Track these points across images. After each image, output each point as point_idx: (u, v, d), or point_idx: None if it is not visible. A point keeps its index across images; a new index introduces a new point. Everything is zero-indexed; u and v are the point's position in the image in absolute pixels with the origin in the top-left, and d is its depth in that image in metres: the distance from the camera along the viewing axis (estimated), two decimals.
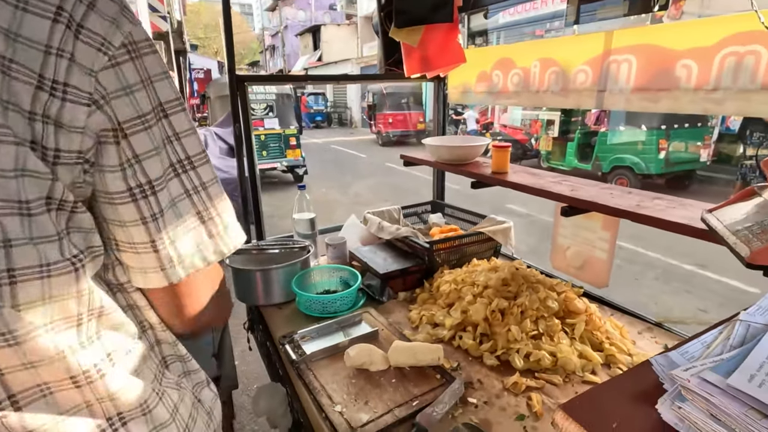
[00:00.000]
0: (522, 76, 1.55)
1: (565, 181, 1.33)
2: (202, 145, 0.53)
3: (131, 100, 0.44)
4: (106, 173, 0.44)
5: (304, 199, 1.71)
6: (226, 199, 0.56)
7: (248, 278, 1.42)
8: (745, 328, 0.44)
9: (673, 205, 1.04)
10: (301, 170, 7.41)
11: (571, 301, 1.22)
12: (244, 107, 1.57)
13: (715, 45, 1.01)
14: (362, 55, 22.10)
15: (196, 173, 0.51)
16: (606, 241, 1.39)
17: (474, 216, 1.88)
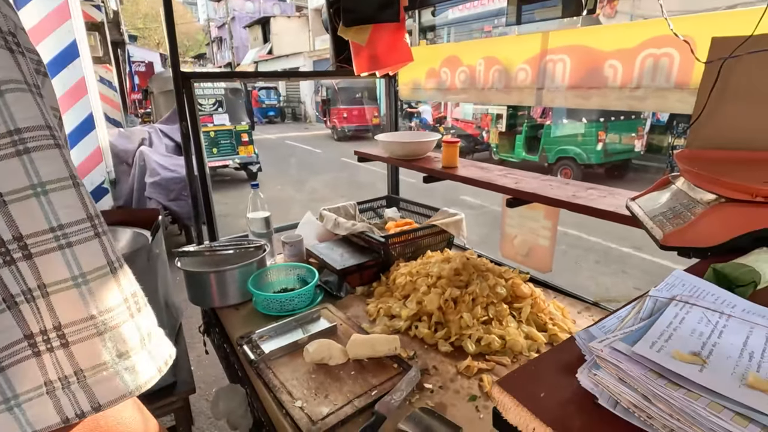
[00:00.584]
0: (468, 73, 1.61)
1: (510, 174, 1.41)
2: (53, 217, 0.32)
3: None
4: None
5: (258, 197, 1.69)
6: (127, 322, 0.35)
7: (202, 281, 1.39)
8: (653, 302, 0.50)
9: (603, 194, 1.14)
10: (254, 167, 7.22)
11: (518, 287, 1.30)
12: (191, 105, 1.52)
13: (637, 47, 1.11)
14: (314, 48, 21.75)
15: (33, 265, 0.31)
16: (548, 229, 1.49)
17: (428, 209, 1.94)
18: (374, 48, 1.37)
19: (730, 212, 0.68)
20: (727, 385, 0.35)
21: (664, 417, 0.35)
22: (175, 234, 4.77)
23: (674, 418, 0.34)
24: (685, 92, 1.04)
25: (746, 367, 0.38)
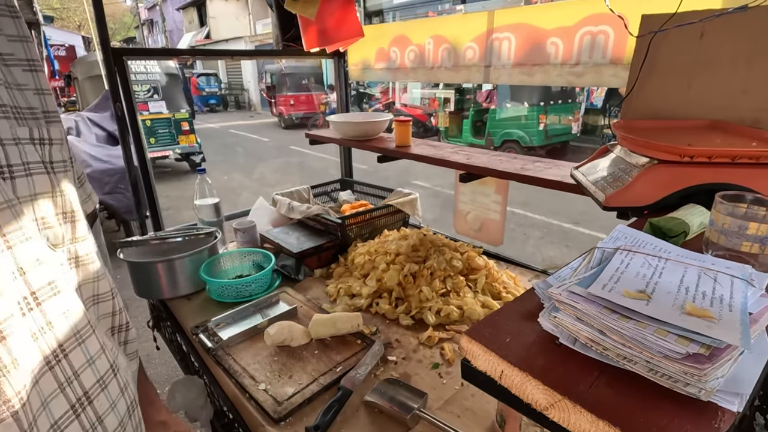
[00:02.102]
0: (417, 52, 1.62)
1: (462, 151, 1.44)
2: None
3: None
4: None
5: (206, 183, 1.61)
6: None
7: (149, 271, 1.31)
8: (600, 253, 0.54)
9: (549, 166, 1.20)
10: (197, 158, 6.85)
11: (473, 259, 1.35)
12: (125, 85, 1.41)
13: (576, 25, 1.17)
14: (255, 33, 20.83)
15: None
16: (499, 203, 1.55)
17: (382, 191, 1.95)
18: (323, 22, 1.33)
19: (661, 172, 0.74)
20: (669, 314, 0.39)
21: (618, 347, 0.38)
22: (112, 230, 4.45)
23: (626, 346, 0.37)
24: (619, 68, 1.11)
25: (684, 299, 0.42)
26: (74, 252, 0.55)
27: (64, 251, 0.53)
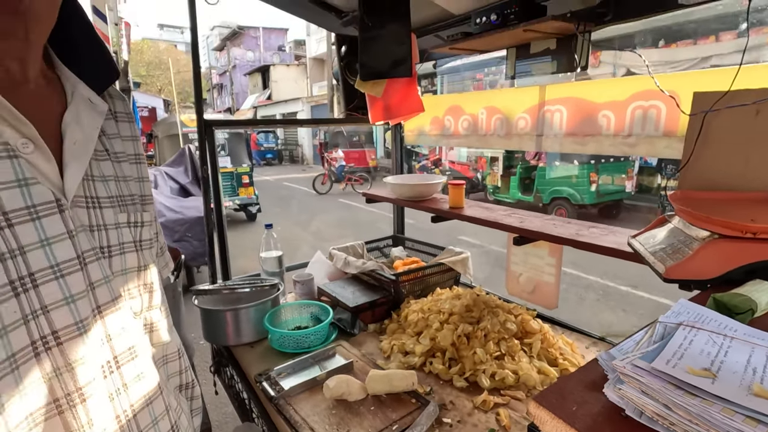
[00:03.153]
0: (471, 121, 1.73)
1: (514, 213, 1.49)
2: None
3: None
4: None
5: (272, 237, 1.75)
6: None
7: (218, 318, 1.42)
8: (663, 327, 0.56)
9: (605, 232, 1.22)
10: (254, 208, 7.31)
11: (527, 323, 1.34)
12: (212, 149, 1.62)
13: (626, 100, 1.23)
14: (312, 94, 22.55)
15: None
16: (553, 266, 1.55)
17: (433, 248, 2.01)
18: (388, 99, 1.49)
19: (723, 247, 0.75)
20: (736, 394, 0.41)
21: (685, 422, 0.40)
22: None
23: (693, 422, 0.39)
24: (673, 139, 1.15)
25: (751, 379, 0.43)
26: (149, 319, 0.61)
27: (141, 318, 0.59)
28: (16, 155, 0.41)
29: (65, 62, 0.50)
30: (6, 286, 0.39)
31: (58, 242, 0.44)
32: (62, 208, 0.45)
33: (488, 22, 1.23)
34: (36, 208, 0.42)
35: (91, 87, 0.51)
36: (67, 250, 0.45)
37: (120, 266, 0.54)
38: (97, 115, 0.51)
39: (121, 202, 0.56)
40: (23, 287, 0.41)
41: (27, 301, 0.41)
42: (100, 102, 0.52)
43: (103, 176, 0.53)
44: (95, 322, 0.48)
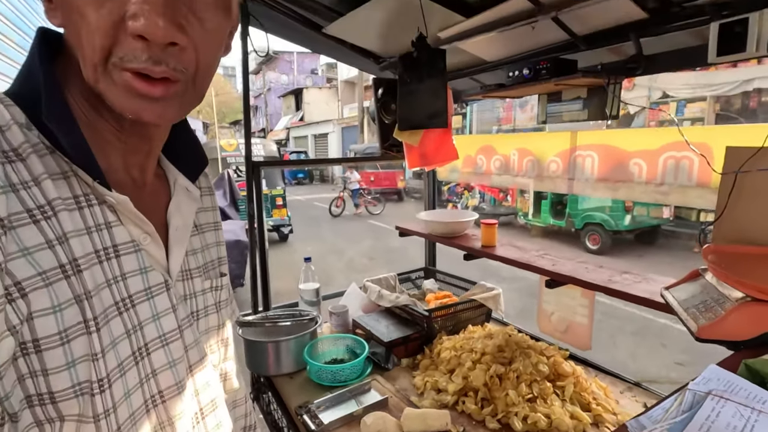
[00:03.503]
0: (503, 161, 1.79)
1: (546, 254, 1.52)
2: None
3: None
4: None
5: (310, 270, 1.85)
6: None
7: (261, 349, 1.51)
8: (692, 395, 0.59)
9: (638, 279, 1.23)
10: (286, 229, 7.53)
11: (559, 365, 1.36)
12: (258, 188, 1.75)
13: (658, 149, 1.26)
14: (342, 116, 23.14)
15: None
16: (586, 307, 1.56)
17: (465, 282, 2.05)
18: (424, 147, 1.57)
19: (756, 310, 0.77)
20: None
21: None
22: None
23: None
24: (706, 190, 1.17)
25: None
26: (224, 370, 0.69)
27: (218, 370, 0.66)
28: (139, 249, 0.50)
29: (167, 156, 0.60)
30: (130, 357, 0.48)
31: (164, 316, 0.52)
32: (168, 287, 0.53)
33: (521, 75, 1.30)
34: (151, 290, 0.51)
35: (186, 176, 0.61)
36: (171, 321, 0.53)
37: (204, 326, 0.62)
38: (192, 201, 0.61)
39: (205, 270, 0.64)
40: (140, 356, 0.49)
41: (143, 367, 0.49)
42: (195, 189, 0.61)
43: (194, 250, 0.61)
44: (188, 380, 0.56)
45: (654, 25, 1.18)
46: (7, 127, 0.42)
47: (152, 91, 0.42)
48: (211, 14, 0.43)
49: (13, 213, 0.39)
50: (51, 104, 0.42)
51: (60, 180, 0.44)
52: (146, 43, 0.39)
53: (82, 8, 0.38)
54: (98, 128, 0.47)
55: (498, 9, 1.27)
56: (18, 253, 0.39)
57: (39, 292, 0.39)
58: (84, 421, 0.43)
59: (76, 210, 0.44)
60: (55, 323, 0.40)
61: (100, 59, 0.40)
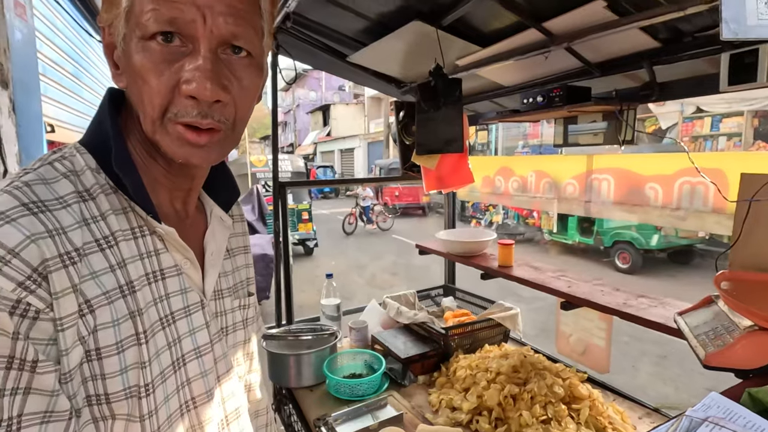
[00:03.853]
0: (520, 182, 1.82)
1: (563, 276, 1.53)
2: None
3: None
4: None
5: (331, 286, 1.91)
6: None
7: (283, 362, 1.58)
8: (688, 421, 0.62)
9: (654, 304, 1.24)
10: (311, 243, 7.68)
11: (575, 387, 1.36)
12: (284, 206, 1.84)
13: (673, 174, 1.27)
14: (368, 131, 23.50)
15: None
16: (604, 330, 1.56)
17: (483, 301, 2.06)
18: (441, 170, 1.63)
19: (765, 340, 0.78)
20: None
21: None
22: None
23: None
24: (722, 216, 1.17)
25: None
26: (248, 381, 0.76)
27: (243, 381, 0.72)
28: (180, 272, 0.58)
29: (205, 189, 0.68)
30: (170, 366, 0.55)
31: (199, 331, 0.60)
32: (203, 305, 0.61)
33: (534, 102, 1.34)
34: (189, 308, 0.59)
35: (221, 206, 0.69)
36: (204, 336, 0.60)
37: (233, 341, 0.69)
38: (225, 229, 0.68)
39: (234, 290, 0.71)
40: (178, 366, 0.56)
41: (179, 376, 0.56)
42: (227, 218, 0.69)
43: (225, 272, 0.69)
44: (217, 389, 0.62)
45: (667, 53, 1.21)
46: (82, 172, 0.51)
47: (199, 140, 0.50)
48: (247, 74, 0.52)
49: (86, 243, 0.47)
50: (118, 153, 0.51)
51: (121, 215, 0.53)
52: (196, 102, 0.47)
53: (146, 76, 0.47)
54: (151, 170, 0.56)
55: (512, 40, 1.33)
56: (88, 276, 0.47)
57: (103, 308, 0.47)
58: (131, 420, 0.50)
59: (132, 240, 0.53)
60: (114, 335, 0.48)
61: (158, 115, 0.48)
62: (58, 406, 0.43)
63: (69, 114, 2.49)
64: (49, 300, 0.43)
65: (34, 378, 0.42)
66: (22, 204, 0.43)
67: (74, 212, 0.47)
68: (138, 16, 0.46)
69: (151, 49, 0.46)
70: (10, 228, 0.41)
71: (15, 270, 0.40)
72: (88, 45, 2.83)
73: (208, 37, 0.47)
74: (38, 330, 0.42)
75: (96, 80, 3.11)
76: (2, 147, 1.35)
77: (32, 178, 0.46)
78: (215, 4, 0.46)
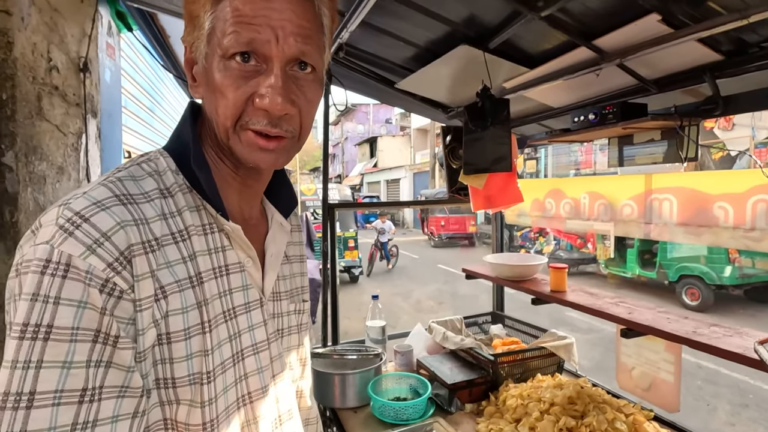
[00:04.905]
0: (572, 205, 1.76)
1: (622, 302, 1.44)
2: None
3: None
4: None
5: (377, 307, 1.91)
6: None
7: (327, 381, 1.58)
8: None
9: (729, 333, 1.12)
10: (356, 271, 7.75)
11: (640, 425, 1.25)
12: (332, 228, 1.89)
13: (745, 192, 1.18)
14: (414, 162, 23.77)
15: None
16: (671, 363, 1.43)
17: (534, 329, 1.97)
18: (489, 190, 1.62)
19: None
20: None
21: None
22: None
23: None
24: None
25: None
26: (300, 387, 0.78)
27: (295, 385, 0.74)
28: (243, 269, 0.62)
29: (267, 196, 0.73)
30: (229, 359, 0.58)
31: (257, 328, 0.63)
32: (262, 303, 0.64)
33: (586, 120, 1.31)
34: (249, 305, 0.62)
35: (281, 213, 0.73)
36: (262, 333, 0.63)
37: (287, 344, 0.72)
38: (284, 234, 0.72)
39: (291, 295, 0.74)
40: (237, 359, 0.59)
41: (238, 369, 0.59)
42: (287, 224, 0.74)
43: (283, 276, 0.72)
44: (272, 387, 0.64)
45: (731, 66, 1.15)
46: (164, 172, 0.57)
47: (268, 146, 0.55)
48: (311, 88, 0.57)
49: (164, 234, 0.52)
50: (196, 155, 0.56)
51: (194, 212, 0.57)
52: (267, 113, 0.53)
53: (225, 90, 0.52)
54: (221, 173, 0.62)
55: (561, 59, 1.32)
56: (164, 265, 0.51)
57: (175, 295, 0.52)
58: (193, 406, 0.52)
59: (203, 235, 0.57)
60: (182, 322, 0.52)
61: (232, 124, 0.54)
62: (133, 382, 0.47)
63: (143, 142, 2.75)
64: (131, 281, 0.47)
65: (115, 353, 0.45)
66: (115, 195, 0.49)
67: (156, 206, 0.53)
68: (219, 38, 0.52)
69: (230, 67, 0.52)
70: (104, 215, 0.47)
71: (106, 251, 0.45)
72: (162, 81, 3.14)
73: (280, 56, 0.52)
74: (121, 308, 0.46)
75: (167, 113, 3.43)
76: (89, 169, 1.52)
77: (124, 175, 0.53)
78: (286, 25, 0.51)
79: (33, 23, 1.20)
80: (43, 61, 1.26)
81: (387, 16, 1.43)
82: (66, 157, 1.41)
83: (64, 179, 1.40)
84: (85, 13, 1.53)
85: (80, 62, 1.49)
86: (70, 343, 0.43)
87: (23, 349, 0.42)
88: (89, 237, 0.45)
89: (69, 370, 0.42)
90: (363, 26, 1.45)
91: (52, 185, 1.31)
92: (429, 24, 1.42)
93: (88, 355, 0.43)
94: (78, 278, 0.44)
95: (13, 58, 1.11)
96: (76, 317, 0.43)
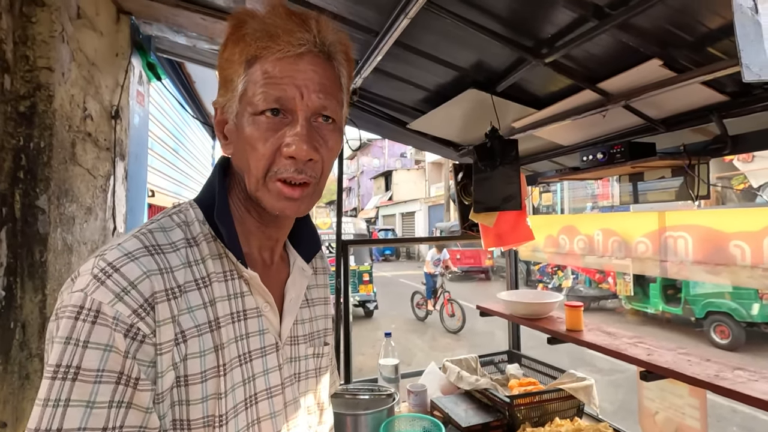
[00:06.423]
0: (586, 241, 1.75)
1: (641, 342, 1.40)
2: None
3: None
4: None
5: (390, 345, 1.89)
6: None
7: (340, 421, 1.55)
8: None
9: (755, 377, 1.08)
10: (371, 305, 7.67)
11: None
12: (346, 265, 1.91)
13: (762, 231, 1.17)
14: (429, 195, 23.90)
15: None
16: (696, 408, 1.37)
17: (552, 370, 1.91)
18: (500, 228, 1.63)
19: None
20: None
21: None
22: None
23: None
24: None
25: None
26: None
27: (311, 431, 0.73)
28: (260, 314, 0.64)
29: (291, 241, 0.76)
30: (242, 402, 0.59)
31: (272, 372, 0.64)
32: (278, 348, 0.66)
33: (595, 159, 1.33)
34: (265, 349, 0.64)
35: (303, 257, 0.76)
36: (276, 378, 0.64)
37: (305, 388, 0.71)
38: (305, 279, 0.74)
39: (310, 338, 0.75)
40: (250, 403, 0.60)
41: (251, 413, 0.60)
42: (308, 269, 0.76)
43: (303, 320, 0.74)
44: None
45: (737, 106, 1.17)
46: (192, 222, 0.61)
47: (294, 194, 0.58)
48: (332, 137, 0.61)
49: (187, 281, 0.56)
50: (220, 208, 0.60)
51: (216, 259, 0.60)
52: (294, 161, 0.57)
53: (255, 143, 0.57)
54: (246, 223, 0.65)
55: (568, 101, 1.36)
56: (185, 310, 0.54)
57: (194, 339, 0.54)
58: None
59: (224, 282, 0.61)
60: (200, 365, 0.54)
61: (262, 174, 0.58)
62: (151, 423, 0.49)
63: (166, 181, 2.86)
64: (153, 327, 0.50)
65: (135, 394, 0.48)
66: (144, 246, 0.53)
67: (181, 255, 0.57)
68: (250, 98, 0.57)
69: (260, 122, 0.57)
70: (133, 265, 0.51)
71: (132, 299, 0.49)
72: (186, 123, 3.31)
73: (304, 109, 0.57)
74: (143, 352, 0.50)
75: (190, 153, 3.58)
76: (115, 209, 1.59)
77: (155, 227, 0.57)
78: (309, 84, 0.57)
79: (72, 77, 1.30)
80: (79, 111, 1.36)
81: (398, 62, 1.51)
82: (94, 198, 1.48)
83: (92, 219, 1.47)
84: (119, 66, 1.66)
85: (112, 110, 1.59)
86: (95, 384, 0.46)
87: (54, 388, 0.45)
88: (118, 285, 0.49)
89: (92, 409, 0.45)
90: (376, 72, 1.53)
91: (80, 225, 1.38)
92: (438, 70, 1.49)
93: (110, 396, 0.46)
94: (106, 323, 0.47)
95: (53, 109, 1.20)
96: (102, 360, 0.47)
